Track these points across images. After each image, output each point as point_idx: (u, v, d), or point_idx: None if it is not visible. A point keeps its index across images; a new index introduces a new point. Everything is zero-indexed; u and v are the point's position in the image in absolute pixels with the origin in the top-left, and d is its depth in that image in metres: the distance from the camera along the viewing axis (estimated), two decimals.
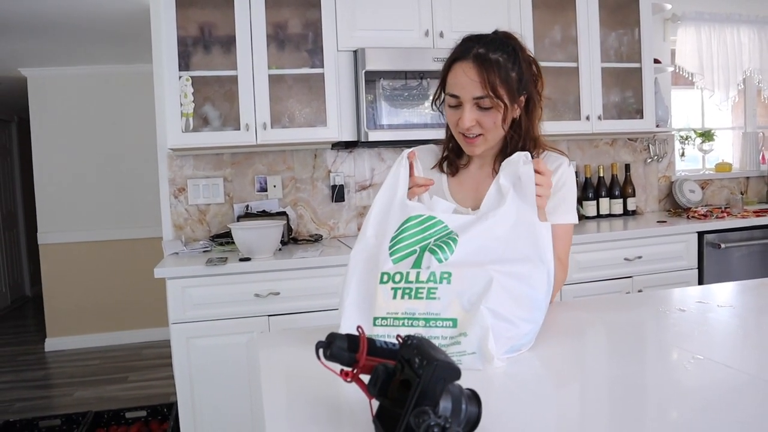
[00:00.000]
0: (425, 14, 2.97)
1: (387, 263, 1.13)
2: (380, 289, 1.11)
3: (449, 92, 1.34)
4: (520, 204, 1.16)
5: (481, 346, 1.03)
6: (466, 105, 1.31)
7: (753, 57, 4.02)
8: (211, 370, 2.53)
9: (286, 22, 3.06)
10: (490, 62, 1.28)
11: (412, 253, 1.13)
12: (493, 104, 1.30)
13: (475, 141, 1.35)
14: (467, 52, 1.30)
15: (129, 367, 4.33)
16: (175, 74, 2.76)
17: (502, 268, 1.10)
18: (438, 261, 1.10)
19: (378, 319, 1.09)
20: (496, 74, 1.28)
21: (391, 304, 1.09)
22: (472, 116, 1.31)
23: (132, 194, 4.86)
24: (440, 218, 1.15)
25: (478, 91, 1.29)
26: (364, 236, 1.20)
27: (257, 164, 3.19)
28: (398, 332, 1.05)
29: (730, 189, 4.10)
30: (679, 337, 1.23)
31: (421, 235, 1.15)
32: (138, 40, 3.79)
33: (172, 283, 2.50)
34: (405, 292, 1.09)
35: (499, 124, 1.33)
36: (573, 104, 3.39)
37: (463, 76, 1.30)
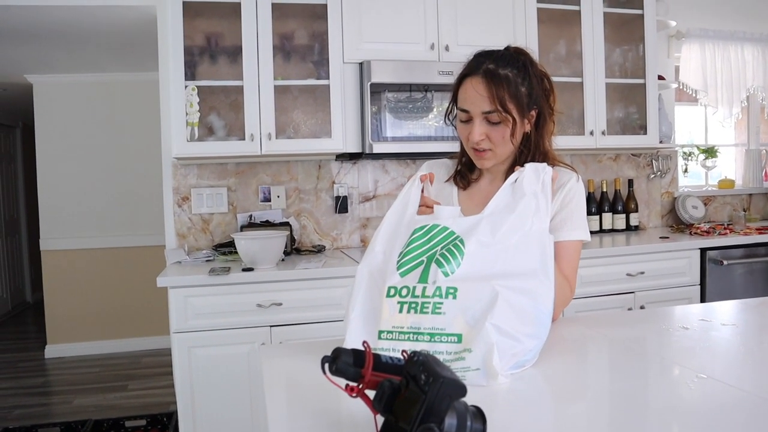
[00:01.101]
0: (431, 27, 2.99)
1: (394, 276, 1.13)
2: (386, 302, 1.11)
3: (460, 107, 1.36)
4: (535, 213, 1.15)
5: (485, 362, 1.03)
6: (475, 119, 1.34)
7: (756, 74, 4.03)
8: (212, 380, 2.53)
9: (293, 33, 3.07)
10: (500, 77, 1.31)
11: (419, 265, 1.13)
12: (501, 119, 1.32)
13: (485, 155, 1.38)
14: (477, 68, 1.33)
15: (129, 375, 4.32)
16: (181, 83, 2.77)
17: (508, 283, 1.10)
18: (444, 275, 1.10)
19: (383, 333, 1.09)
20: (505, 89, 1.30)
21: (396, 318, 1.09)
22: (482, 130, 1.34)
23: (135, 202, 4.87)
24: (445, 224, 1.15)
25: (487, 106, 1.32)
26: (372, 251, 1.20)
27: (261, 174, 3.20)
28: (403, 346, 1.07)
29: (732, 206, 4.10)
30: (682, 355, 1.23)
31: (427, 245, 1.15)
32: (144, 48, 3.81)
33: (175, 292, 2.50)
34: (411, 307, 1.09)
35: (508, 138, 1.35)
36: (577, 119, 3.40)
37: (473, 91, 1.33)
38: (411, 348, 1.05)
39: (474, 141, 1.35)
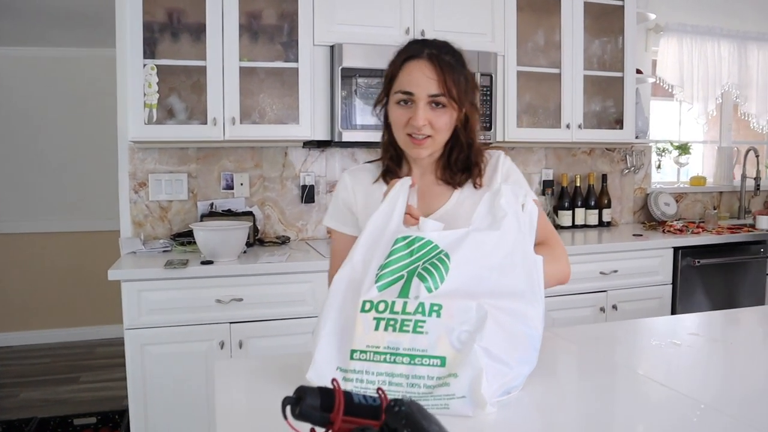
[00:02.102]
0: (407, 12, 2.85)
1: (371, 290, 1.02)
2: (360, 318, 0.99)
3: (402, 89, 1.27)
4: (518, 233, 1.06)
5: (472, 389, 0.92)
6: (419, 103, 1.26)
7: (732, 71, 4.00)
8: (166, 380, 2.38)
9: (261, 12, 2.90)
10: (445, 62, 1.27)
11: (398, 279, 1.02)
12: (446, 103, 1.27)
13: (424, 142, 1.29)
14: (420, 51, 1.28)
15: (81, 366, 4.12)
16: (140, 62, 2.58)
17: (497, 303, 1.00)
18: (428, 290, 0.99)
19: (356, 352, 0.97)
20: (451, 75, 1.26)
21: (372, 336, 0.97)
22: (425, 115, 1.26)
23: (90, 186, 4.62)
24: (429, 238, 1.05)
25: (434, 88, 1.25)
26: (350, 261, 1.08)
27: (224, 161, 3.03)
28: (378, 369, 0.96)
29: (703, 203, 4.07)
30: (678, 379, 1.14)
31: (409, 258, 1.04)
32: (102, 23, 3.58)
33: (128, 286, 2.34)
34: (389, 324, 0.98)
35: (449, 126, 1.30)
36: (553, 111, 3.31)
37: (419, 73, 1.26)
38: (388, 371, 0.94)
39: (418, 125, 1.26)
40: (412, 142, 1.29)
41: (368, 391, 0.93)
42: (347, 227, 1.42)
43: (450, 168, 1.36)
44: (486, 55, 2.93)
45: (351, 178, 1.43)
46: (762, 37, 4.06)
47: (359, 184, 1.42)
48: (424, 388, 0.94)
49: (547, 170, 3.60)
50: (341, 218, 1.43)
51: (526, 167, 3.56)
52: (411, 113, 1.26)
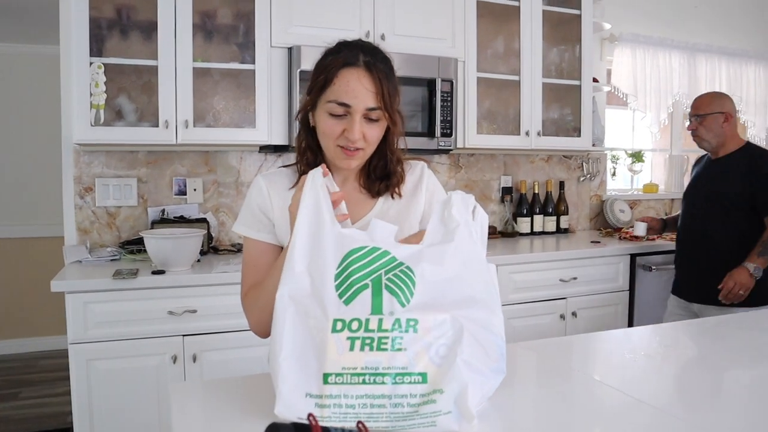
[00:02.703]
0: (367, 15, 2.79)
1: (338, 307, 0.94)
2: (333, 338, 0.92)
3: (338, 100, 1.17)
4: (470, 241, 1.01)
5: (459, 403, 0.88)
6: (356, 116, 1.18)
7: (682, 82, 4.09)
8: (115, 397, 2.25)
9: (216, 11, 2.79)
10: (382, 72, 1.19)
11: (363, 289, 0.95)
12: (380, 116, 1.20)
13: (356, 154, 1.21)
14: (356, 58, 1.18)
15: (21, 381, 3.90)
16: (86, 60, 2.45)
17: (464, 313, 0.96)
18: (401, 305, 0.93)
19: (330, 376, 0.90)
20: (387, 86, 1.19)
21: (347, 357, 0.91)
22: (361, 128, 1.18)
23: (32, 189, 4.39)
24: (386, 249, 0.99)
25: (372, 102, 1.18)
26: (292, 272, 0.98)
27: (176, 165, 2.91)
28: (357, 391, 0.89)
29: (656, 210, 4.15)
30: (653, 392, 1.11)
31: (368, 267, 0.97)
32: (44, 17, 3.41)
33: (72, 298, 2.20)
34: (365, 343, 0.92)
35: (380, 137, 1.24)
36: (513, 118, 3.30)
37: (357, 83, 1.17)
38: (369, 393, 0.89)
39: (353, 138, 1.18)
40: (344, 153, 1.21)
41: (349, 416, 0.87)
42: (263, 234, 1.30)
43: (370, 176, 1.31)
44: (446, 61, 2.90)
45: (266, 183, 1.31)
46: (709, 49, 4.17)
47: (275, 188, 1.30)
48: (408, 407, 0.89)
49: (505, 177, 3.60)
50: (256, 224, 1.30)
51: (485, 174, 3.55)
52: (345, 125, 1.18)
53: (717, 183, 2.65)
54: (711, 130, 2.63)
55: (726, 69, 4.26)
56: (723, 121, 2.60)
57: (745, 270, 2.47)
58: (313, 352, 0.92)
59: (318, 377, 0.90)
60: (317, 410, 0.88)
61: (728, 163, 2.64)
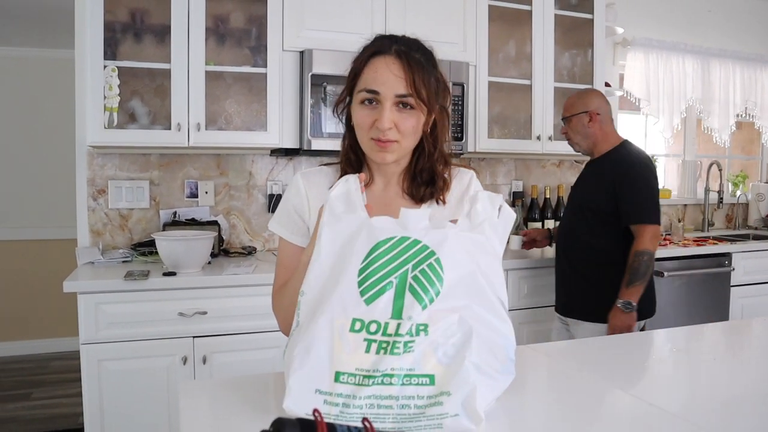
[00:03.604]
0: (378, 19, 2.80)
1: (358, 306, 0.92)
2: (349, 337, 0.90)
3: (367, 88, 1.15)
4: (492, 237, 1.01)
5: (466, 406, 0.87)
6: (385, 103, 1.14)
7: (696, 87, 4.06)
8: (125, 397, 2.26)
9: (228, 15, 2.82)
10: (415, 60, 1.15)
11: (387, 288, 0.93)
12: (415, 105, 1.15)
13: (389, 145, 1.17)
14: (388, 47, 1.16)
15: (34, 381, 3.93)
16: (100, 63, 2.48)
17: (478, 312, 0.95)
18: (422, 306, 0.92)
19: (342, 375, 0.89)
20: (420, 74, 1.15)
21: (362, 358, 0.90)
22: (392, 116, 1.14)
23: (47, 191, 4.43)
24: (416, 237, 0.96)
25: (402, 88, 1.13)
26: (316, 265, 0.98)
27: (188, 168, 2.93)
28: (367, 392, 0.88)
29: (669, 216, 4.12)
30: (669, 398, 1.10)
31: (396, 261, 0.95)
32: (60, 21, 3.45)
33: (84, 299, 2.22)
34: (381, 346, 0.90)
35: (417, 130, 1.19)
36: (524, 123, 3.30)
37: (386, 70, 1.14)
38: (378, 394, 0.88)
39: (384, 127, 1.14)
40: (377, 145, 1.17)
41: (354, 416, 0.86)
42: (296, 236, 1.27)
43: (415, 179, 1.26)
44: (458, 65, 2.90)
45: (305, 182, 1.27)
46: (723, 54, 4.14)
47: (314, 188, 1.26)
48: (414, 408, 0.88)
49: (516, 182, 3.59)
50: (290, 226, 1.27)
51: (496, 178, 3.54)
52: (376, 114, 1.15)
53: (585, 189, 2.49)
54: (578, 132, 2.48)
55: (740, 74, 4.23)
56: (588, 121, 2.43)
57: (617, 311, 2.27)
58: (327, 349, 0.91)
59: (330, 375, 0.89)
60: (325, 407, 0.86)
61: (598, 166, 2.47)
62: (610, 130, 2.47)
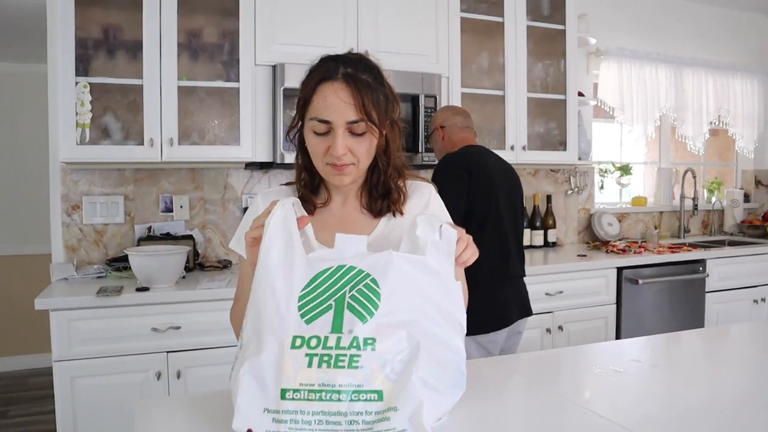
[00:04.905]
0: (350, 32, 2.83)
1: (299, 325, 0.95)
2: (290, 354, 0.92)
3: (317, 117, 1.15)
4: (439, 257, 1.02)
5: (413, 421, 0.89)
6: (337, 131, 1.14)
7: (669, 95, 4.12)
8: (99, 414, 2.25)
9: (201, 30, 2.83)
10: (362, 83, 1.15)
11: (327, 310, 0.96)
12: (367, 129, 1.16)
13: (346, 168, 1.18)
14: (335, 72, 1.15)
15: (10, 399, 3.89)
16: (71, 79, 2.48)
17: (425, 328, 0.97)
18: (362, 321, 0.94)
19: (288, 392, 0.90)
20: (369, 96, 1.15)
21: (305, 374, 0.91)
22: (345, 142, 1.15)
23: (20, 207, 4.41)
24: (351, 264, 0.99)
25: (352, 114, 1.14)
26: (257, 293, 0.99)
27: (163, 182, 2.92)
28: (314, 408, 0.90)
29: (645, 223, 4.17)
30: (621, 411, 1.12)
31: (334, 287, 0.97)
32: (33, 36, 3.45)
33: (57, 315, 2.22)
34: (323, 360, 0.92)
35: (371, 151, 1.20)
36: (498, 133, 3.33)
37: (334, 97, 1.14)
38: (326, 410, 0.89)
39: (338, 154, 1.14)
40: (334, 169, 1.18)
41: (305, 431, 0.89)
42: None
43: (372, 194, 1.27)
44: (430, 77, 2.93)
45: (264, 202, 1.26)
46: (695, 63, 4.21)
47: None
48: (363, 424, 0.90)
49: None
50: None
51: None
52: (329, 141, 1.15)
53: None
54: (435, 146, 2.55)
55: (713, 82, 4.30)
56: (440, 136, 2.48)
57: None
58: (272, 368, 0.93)
59: (276, 393, 0.91)
60: (274, 425, 0.89)
61: None
62: (459, 139, 2.44)
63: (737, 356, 1.50)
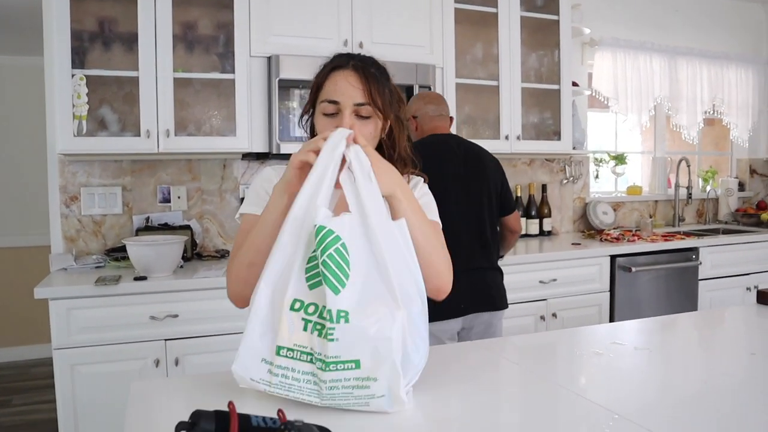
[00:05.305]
0: (345, 23, 2.85)
1: (301, 287, 1.01)
2: (288, 316, 0.99)
3: (328, 98, 1.27)
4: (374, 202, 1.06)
5: (391, 388, 0.97)
6: (345, 111, 1.26)
7: (663, 85, 4.14)
8: (98, 401, 2.29)
9: (196, 22, 2.85)
10: (370, 73, 1.29)
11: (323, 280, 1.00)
12: (371, 113, 1.27)
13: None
14: (346, 63, 1.29)
15: (13, 388, 3.94)
16: (68, 72, 2.51)
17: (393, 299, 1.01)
18: (334, 292, 0.97)
19: (283, 349, 0.99)
20: (375, 85, 1.28)
21: (299, 336, 0.98)
22: (351, 122, 1.25)
23: (20, 199, 4.44)
24: (330, 227, 1.02)
25: (360, 97, 1.26)
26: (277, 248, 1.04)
27: (160, 173, 2.96)
28: (303, 368, 0.98)
29: (640, 212, 4.20)
30: (596, 389, 1.16)
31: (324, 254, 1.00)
32: (29, 29, 3.47)
33: (56, 304, 2.26)
34: (316, 327, 0.98)
35: (375, 136, 1.30)
36: (492, 123, 3.36)
37: (345, 82, 1.27)
38: (312, 371, 0.97)
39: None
40: None
41: (293, 388, 0.98)
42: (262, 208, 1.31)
43: None
44: (424, 68, 2.95)
45: (275, 173, 1.37)
46: (690, 52, 4.22)
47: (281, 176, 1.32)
48: (342, 389, 0.97)
49: None
50: (259, 203, 1.32)
51: None
52: (337, 122, 1.25)
53: None
54: (411, 134, 2.47)
55: (707, 71, 4.31)
56: (413, 127, 2.47)
57: None
58: (273, 325, 1.00)
59: (272, 347, 0.99)
60: (267, 376, 0.98)
61: None
62: (429, 128, 2.45)
63: (723, 339, 1.54)
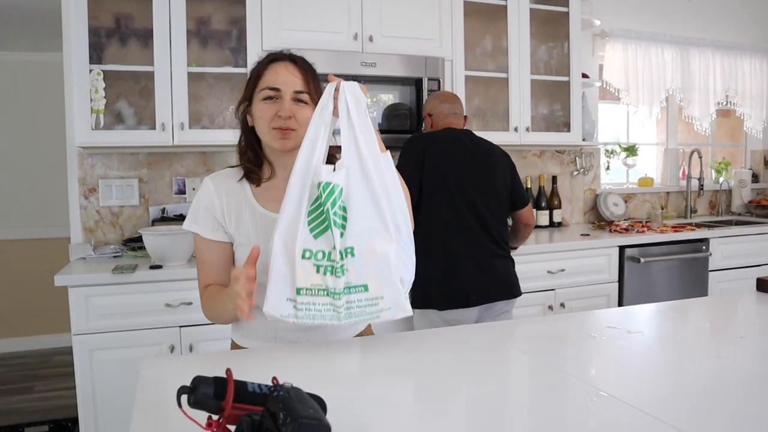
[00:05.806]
0: (355, 17, 2.90)
1: (307, 238, 1.21)
2: (301, 264, 1.19)
3: (269, 86, 1.37)
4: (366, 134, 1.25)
5: (396, 302, 1.22)
6: (285, 97, 1.37)
7: (675, 76, 4.13)
8: (116, 385, 2.37)
9: (209, 17, 2.92)
10: (307, 65, 1.43)
11: (328, 227, 1.20)
12: (308, 101, 1.39)
13: (288, 134, 1.37)
14: (282, 56, 1.42)
15: (35, 375, 4.06)
16: (86, 67, 2.58)
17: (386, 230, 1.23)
18: (341, 235, 1.20)
19: (302, 290, 1.20)
20: (311, 76, 1.42)
21: (315, 278, 1.20)
22: (291, 108, 1.37)
23: (41, 191, 4.56)
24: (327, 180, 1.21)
25: (299, 85, 1.38)
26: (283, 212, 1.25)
27: (176, 165, 3.03)
28: (322, 301, 1.20)
29: (651, 203, 4.20)
30: (585, 369, 1.20)
31: (326, 203, 1.20)
32: (49, 26, 3.56)
33: (75, 292, 2.34)
34: (327, 269, 1.20)
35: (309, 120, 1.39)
36: (502, 115, 3.38)
37: (285, 71, 1.39)
38: (329, 302, 1.20)
39: (285, 115, 1.36)
40: (278, 132, 1.36)
41: (316, 316, 1.21)
42: (211, 233, 1.42)
43: None
44: (434, 60, 2.99)
45: (213, 183, 1.44)
46: (702, 43, 4.21)
47: (222, 185, 1.43)
48: (357, 308, 1.21)
49: None
50: (205, 223, 1.42)
51: None
52: (277, 107, 1.36)
53: None
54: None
55: (720, 62, 4.29)
56: (429, 124, 2.58)
57: None
58: (290, 271, 1.21)
59: (293, 289, 1.21)
60: (293, 311, 1.21)
61: None
62: (443, 125, 2.53)
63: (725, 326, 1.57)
